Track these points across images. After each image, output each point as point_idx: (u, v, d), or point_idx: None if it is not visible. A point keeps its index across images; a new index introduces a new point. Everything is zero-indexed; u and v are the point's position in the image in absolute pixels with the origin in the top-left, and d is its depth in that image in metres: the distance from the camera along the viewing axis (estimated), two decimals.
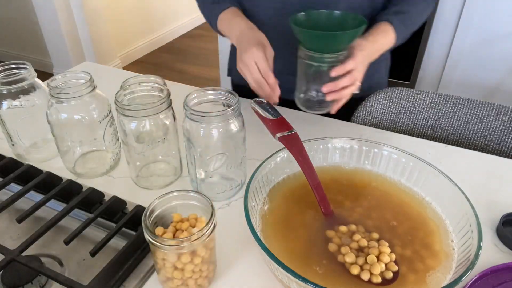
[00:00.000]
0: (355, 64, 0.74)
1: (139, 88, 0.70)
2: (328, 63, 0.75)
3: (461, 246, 0.54)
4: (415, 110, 1.01)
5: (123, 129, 0.67)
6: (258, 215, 0.60)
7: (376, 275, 0.51)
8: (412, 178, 0.65)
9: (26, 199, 0.68)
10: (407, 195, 0.64)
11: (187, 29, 3.92)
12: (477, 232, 0.52)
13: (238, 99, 0.65)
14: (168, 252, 0.50)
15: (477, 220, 0.53)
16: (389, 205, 0.63)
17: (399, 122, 1.03)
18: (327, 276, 0.52)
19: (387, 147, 0.67)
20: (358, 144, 0.69)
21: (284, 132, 0.64)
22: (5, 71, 0.74)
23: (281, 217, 0.61)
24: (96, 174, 0.77)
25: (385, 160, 0.67)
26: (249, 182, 0.58)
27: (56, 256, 0.61)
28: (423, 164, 0.63)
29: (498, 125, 0.93)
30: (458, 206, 0.57)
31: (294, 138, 0.64)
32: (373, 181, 0.67)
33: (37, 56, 3.07)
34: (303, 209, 0.62)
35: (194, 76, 3.17)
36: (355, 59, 0.74)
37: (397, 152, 0.66)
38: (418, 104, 1.00)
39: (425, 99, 1.00)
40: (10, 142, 0.80)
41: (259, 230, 0.57)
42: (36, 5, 2.68)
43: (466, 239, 0.54)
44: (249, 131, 0.71)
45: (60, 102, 0.69)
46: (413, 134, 1.02)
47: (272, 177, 0.65)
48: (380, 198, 0.64)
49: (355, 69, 0.74)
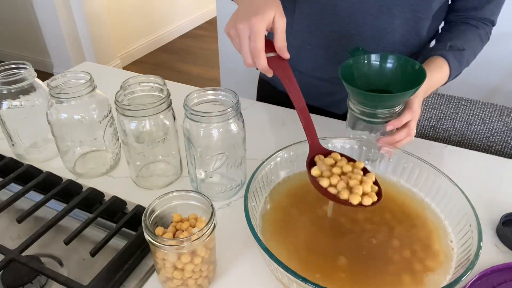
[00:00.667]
0: (412, 115, 0.69)
1: (139, 88, 0.70)
2: (382, 119, 0.69)
3: (461, 246, 0.54)
4: (422, 106, 1.01)
5: (123, 129, 0.67)
6: (258, 215, 0.60)
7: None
8: (412, 179, 0.65)
9: (26, 199, 0.68)
10: (407, 196, 0.64)
11: (187, 29, 3.92)
12: (477, 232, 0.52)
13: (238, 99, 0.65)
14: (168, 252, 0.50)
15: (477, 220, 0.53)
16: (388, 206, 0.63)
17: None
18: (327, 275, 0.52)
19: (387, 147, 0.67)
20: (358, 144, 0.69)
21: (270, 54, 0.62)
22: (5, 71, 0.74)
23: (281, 217, 0.61)
24: (96, 174, 0.77)
25: (385, 160, 0.67)
26: (249, 182, 0.58)
27: (56, 256, 0.61)
28: (423, 164, 0.63)
29: (500, 126, 0.93)
30: (458, 207, 0.57)
31: (280, 60, 0.62)
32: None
33: (37, 56, 3.07)
34: (304, 209, 0.62)
35: (194, 76, 3.17)
36: (412, 110, 0.68)
37: (397, 152, 0.66)
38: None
39: (427, 99, 1.00)
40: (10, 142, 0.80)
41: (259, 230, 0.57)
42: (36, 5, 2.68)
43: (466, 239, 0.54)
44: (249, 131, 0.70)
45: (60, 102, 0.68)
46: (415, 135, 1.02)
47: (272, 177, 0.65)
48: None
49: (412, 119, 0.69)
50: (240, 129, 0.66)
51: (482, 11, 0.82)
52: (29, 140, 0.81)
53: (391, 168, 0.67)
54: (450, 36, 0.82)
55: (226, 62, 2.24)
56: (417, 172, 0.64)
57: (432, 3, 0.78)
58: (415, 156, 0.64)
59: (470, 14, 0.83)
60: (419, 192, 0.64)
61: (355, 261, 0.54)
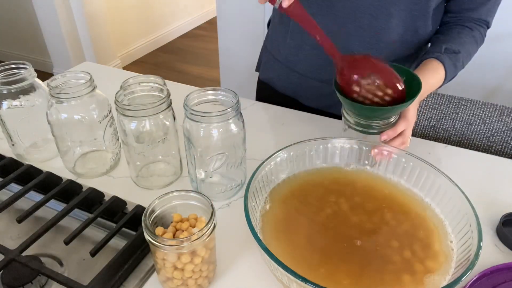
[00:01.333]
0: (407, 124, 0.69)
1: (139, 88, 0.70)
2: (377, 129, 0.69)
3: (461, 246, 0.54)
4: (418, 110, 1.01)
5: (123, 129, 0.68)
6: (258, 215, 0.60)
7: None
8: (412, 179, 0.65)
9: (26, 199, 0.68)
10: (407, 196, 0.64)
11: (187, 29, 3.92)
12: (477, 232, 0.52)
13: (238, 99, 0.65)
14: (168, 252, 0.50)
15: (477, 220, 0.53)
16: (388, 206, 0.63)
17: None
18: (327, 275, 0.52)
19: (387, 147, 0.67)
20: (358, 144, 0.69)
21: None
22: (5, 71, 0.74)
23: (281, 217, 0.61)
24: (96, 174, 0.77)
25: (385, 160, 0.67)
26: (249, 182, 0.58)
27: (56, 256, 0.61)
28: (423, 164, 0.63)
29: (500, 126, 0.93)
30: (458, 207, 0.57)
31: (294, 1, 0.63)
32: (373, 182, 0.67)
33: (37, 56, 3.07)
34: (304, 209, 0.62)
35: (194, 76, 3.17)
36: (407, 119, 0.69)
37: (397, 152, 0.66)
38: (420, 105, 1.00)
39: (427, 99, 1.00)
40: (10, 142, 0.80)
41: (259, 230, 0.57)
42: (36, 5, 2.68)
43: (466, 240, 0.54)
44: (249, 131, 0.71)
45: (60, 102, 0.68)
46: (415, 135, 1.02)
47: (272, 177, 0.65)
48: (380, 200, 0.64)
49: (407, 128, 0.69)
50: (240, 129, 0.66)
51: (477, 12, 0.82)
52: (29, 140, 0.81)
53: (391, 168, 0.67)
54: (445, 38, 0.82)
55: (226, 62, 2.24)
56: (417, 172, 0.64)
57: (429, 1, 0.78)
58: (415, 156, 0.64)
59: (465, 16, 0.83)
60: (419, 192, 0.64)
61: (355, 260, 0.54)
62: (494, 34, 0.86)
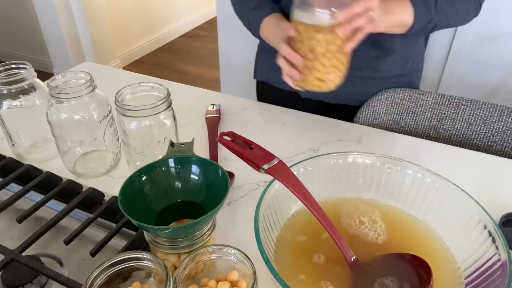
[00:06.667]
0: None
1: (139, 88, 0.70)
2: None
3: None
4: (418, 111, 1.01)
5: (123, 129, 0.67)
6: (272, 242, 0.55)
7: None
8: (416, 205, 0.59)
9: (26, 199, 0.68)
10: (415, 226, 0.58)
11: (187, 29, 3.92)
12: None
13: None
14: (168, 253, 0.50)
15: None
16: (398, 245, 0.56)
17: (401, 123, 1.02)
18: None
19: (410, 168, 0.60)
20: (372, 160, 0.61)
21: (272, 162, 0.53)
22: (5, 71, 0.74)
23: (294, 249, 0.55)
24: (96, 174, 0.77)
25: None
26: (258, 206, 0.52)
27: (56, 256, 0.61)
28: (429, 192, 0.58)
29: (501, 126, 0.93)
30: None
31: (282, 167, 0.53)
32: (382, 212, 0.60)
33: (37, 56, 3.07)
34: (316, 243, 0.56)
35: (194, 76, 3.17)
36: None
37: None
38: (420, 104, 1.00)
39: (427, 99, 0.99)
40: (10, 142, 0.80)
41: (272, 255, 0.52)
42: (36, 5, 2.68)
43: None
44: (249, 131, 0.70)
45: (60, 102, 0.68)
46: (415, 135, 1.02)
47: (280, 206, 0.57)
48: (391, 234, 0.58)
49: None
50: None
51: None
52: (29, 140, 0.81)
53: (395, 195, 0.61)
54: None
55: (226, 62, 2.24)
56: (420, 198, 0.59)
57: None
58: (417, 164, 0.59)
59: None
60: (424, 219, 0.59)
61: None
62: (494, 34, 0.85)
